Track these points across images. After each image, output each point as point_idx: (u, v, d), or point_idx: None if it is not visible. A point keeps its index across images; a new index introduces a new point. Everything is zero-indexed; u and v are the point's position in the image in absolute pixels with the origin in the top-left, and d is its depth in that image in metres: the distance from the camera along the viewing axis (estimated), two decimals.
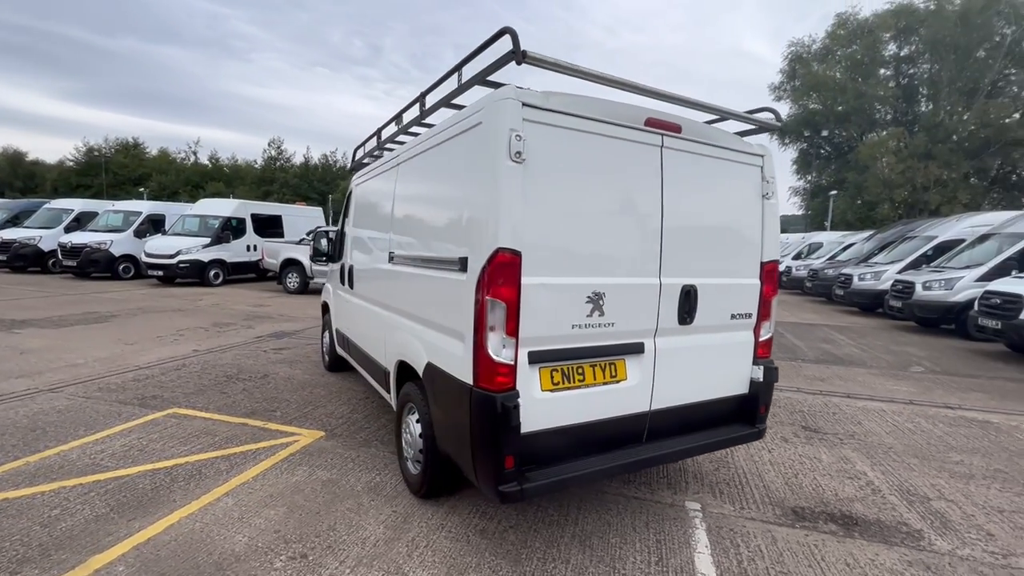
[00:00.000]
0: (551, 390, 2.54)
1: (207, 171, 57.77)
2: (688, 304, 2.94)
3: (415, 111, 3.75)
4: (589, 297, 2.59)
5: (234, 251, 15.55)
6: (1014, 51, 27.73)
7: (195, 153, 60.85)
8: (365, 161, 5.16)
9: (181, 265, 14.15)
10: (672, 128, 2.83)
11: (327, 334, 6.17)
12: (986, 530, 3.15)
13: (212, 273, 14.85)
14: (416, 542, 2.79)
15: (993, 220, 12.41)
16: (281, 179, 53.79)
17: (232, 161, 61.59)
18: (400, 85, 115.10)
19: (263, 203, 19.17)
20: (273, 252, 14.43)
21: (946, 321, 10.65)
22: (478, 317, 2.36)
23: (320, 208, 20.84)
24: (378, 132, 4.41)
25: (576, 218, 2.57)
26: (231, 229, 15.53)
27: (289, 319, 9.97)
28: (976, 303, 9.00)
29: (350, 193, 5.36)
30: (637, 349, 2.81)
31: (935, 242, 13.19)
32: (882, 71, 32.21)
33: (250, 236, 16.15)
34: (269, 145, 58.09)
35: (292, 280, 13.97)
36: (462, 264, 2.49)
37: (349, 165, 5.49)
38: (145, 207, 17.08)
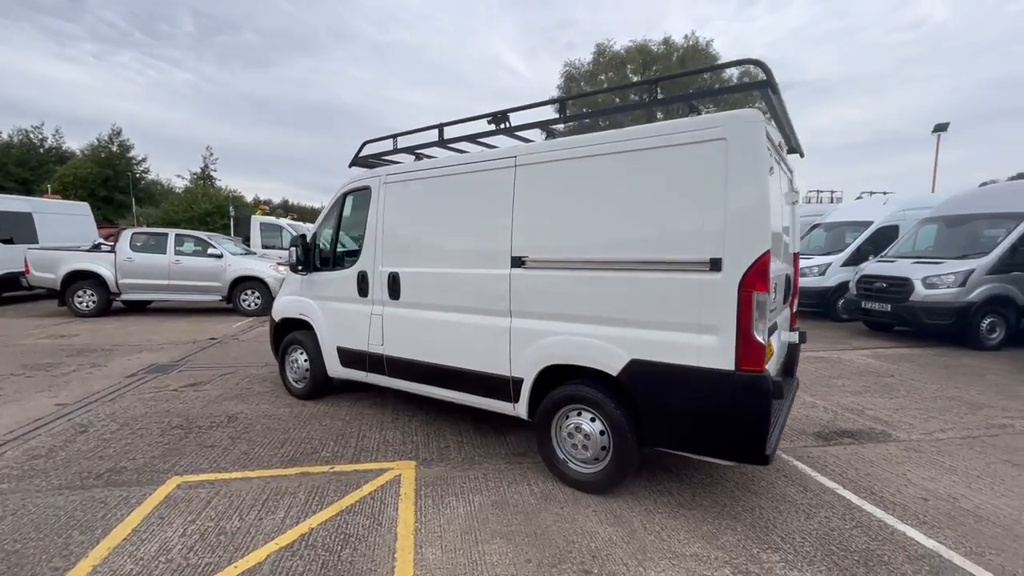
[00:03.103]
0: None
1: None
2: (787, 285, 3.77)
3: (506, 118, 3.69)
4: (775, 285, 3.17)
5: None
6: (712, 90, 37.92)
7: None
8: (387, 158, 4.62)
9: None
10: (780, 147, 3.60)
11: (300, 357, 5.22)
12: (907, 422, 4.85)
13: None
14: (652, 528, 2.95)
15: None
16: None
17: None
18: (117, 49, 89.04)
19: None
20: (47, 263, 10.56)
21: None
22: (743, 310, 2.70)
23: (86, 203, 15.70)
24: (440, 127, 4.06)
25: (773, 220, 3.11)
26: None
27: (141, 348, 7.68)
28: None
29: (358, 190, 4.67)
30: (775, 327, 3.51)
31: None
32: (633, 96, 40.01)
33: None
34: None
35: (86, 299, 10.51)
36: (714, 265, 2.77)
37: (351, 160, 4.76)
38: None
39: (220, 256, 10.95)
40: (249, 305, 11.08)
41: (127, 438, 4.20)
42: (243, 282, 11.03)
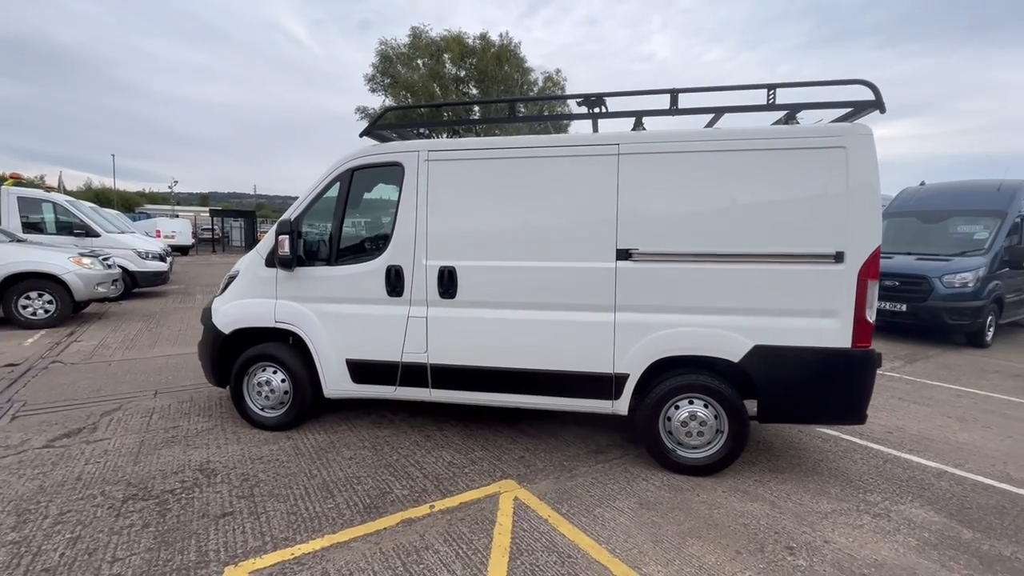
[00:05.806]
0: None
1: None
2: None
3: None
4: None
5: None
6: (521, 90, 40.60)
7: None
8: (413, 130, 3.87)
9: None
10: None
11: (275, 377, 4.04)
12: None
13: None
14: (781, 496, 3.26)
15: None
16: None
17: None
18: None
19: None
20: None
21: None
22: (860, 295, 3.17)
23: None
24: (511, 103, 3.58)
25: None
26: None
27: None
28: None
29: (379, 167, 3.77)
30: None
31: None
32: (450, 86, 40.23)
33: None
34: None
35: None
36: (837, 257, 3.16)
37: (364, 129, 3.79)
38: None
39: None
40: (34, 313, 7.86)
41: (56, 533, 2.69)
42: (21, 281, 7.75)
